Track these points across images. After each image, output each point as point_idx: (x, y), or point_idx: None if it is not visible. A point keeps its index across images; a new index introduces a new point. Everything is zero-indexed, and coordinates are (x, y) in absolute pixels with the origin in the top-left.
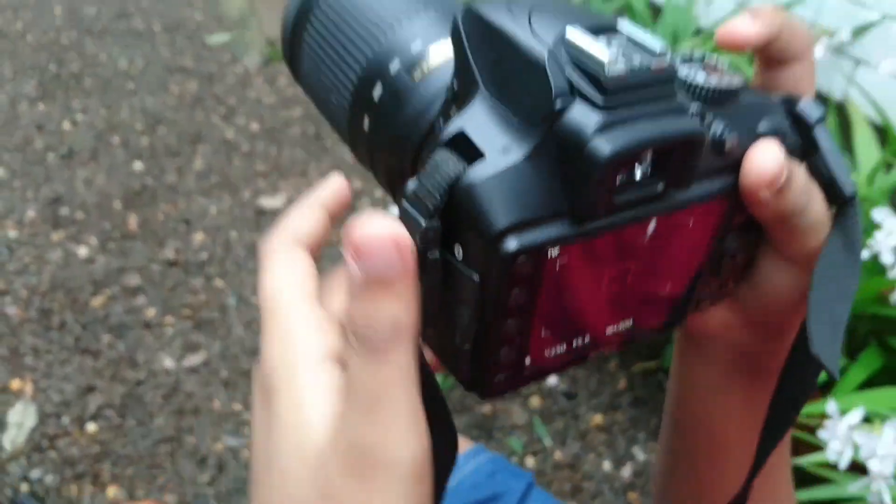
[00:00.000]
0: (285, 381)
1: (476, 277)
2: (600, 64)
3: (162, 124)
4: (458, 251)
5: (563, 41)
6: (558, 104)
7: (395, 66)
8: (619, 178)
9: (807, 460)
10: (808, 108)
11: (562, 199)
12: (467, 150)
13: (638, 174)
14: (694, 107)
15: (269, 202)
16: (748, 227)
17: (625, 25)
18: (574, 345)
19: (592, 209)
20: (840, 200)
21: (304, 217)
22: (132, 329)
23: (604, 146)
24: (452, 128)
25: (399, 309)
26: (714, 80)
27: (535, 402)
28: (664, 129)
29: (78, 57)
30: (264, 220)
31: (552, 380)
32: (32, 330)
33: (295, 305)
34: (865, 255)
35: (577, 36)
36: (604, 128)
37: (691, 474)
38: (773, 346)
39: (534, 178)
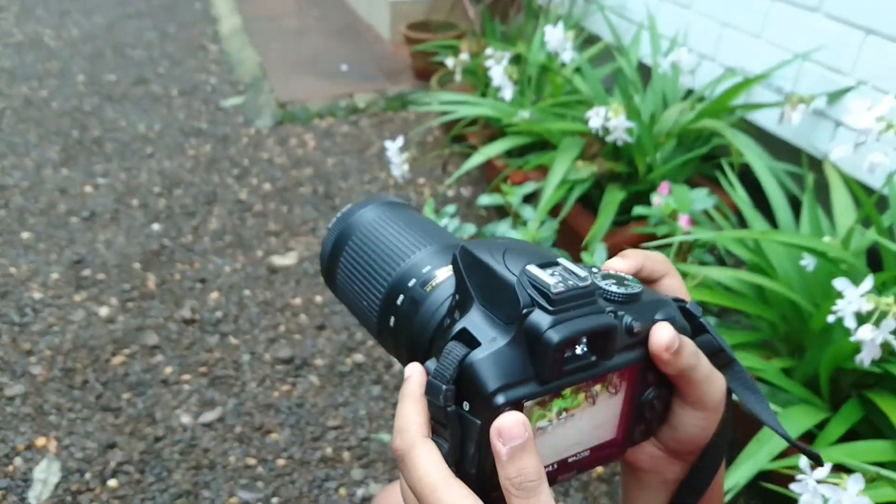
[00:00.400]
0: None
1: (478, 422)
2: (548, 286)
3: (178, 186)
4: (466, 406)
5: (525, 272)
6: (524, 311)
7: (412, 283)
8: (566, 355)
9: None
10: (693, 307)
11: (531, 369)
12: (469, 341)
13: (578, 351)
14: (609, 307)
15: (280, 261)
16: (661, 384)
17: (563, 261)
18: (548, 469)
19: (550, 375)
20: (727, 360)
21: (417, 412)
22: (151, 387)
23: (553, 336)
24: (458, 327)
25: (537, 459)
26: (622, 290)
27: None
28: (591, 323)
29: (99, 122)
30: (276, 278)
31: None
32: (56, 389)
33: (446, 484)
34: (831, 319)
35: (534, 269)
36: (553, 325)
37: None
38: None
39: (512, 357)
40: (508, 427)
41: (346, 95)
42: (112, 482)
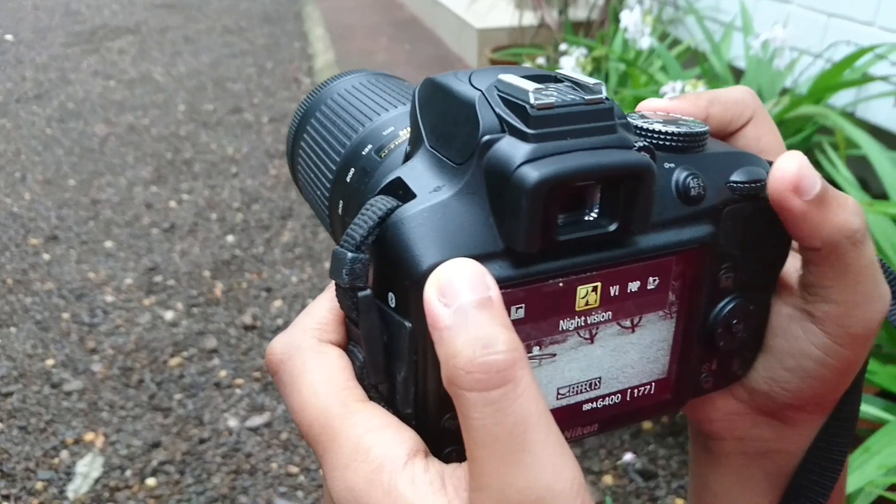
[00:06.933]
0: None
1: (408, 324)
2: (525, 93)
3: (257, 202)
4: (392, 299)
5: (496, 84)
6: (485, 139)
7: (367, 150)
8: (561, 217)
9: None
10: None
11: (497, 237)
12: (403, 194)
13: (585, 215)
14: (640, 142)
15: None
16: (747, 287)
17: (569, 73)
18: None
19: (531, 244)
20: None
21: (322, 308)
22: (203, 389)
23: (529, 174)
24: (391, 176)
25: (508, 328)
26: (672, 127)
27: (608, 479)
28: (602, 159)
29: (192, 146)
30: None
31: (627, 455)
32: (112, 386)
33: (344, 411)
34: None
35: (510, 77)
36: (533, 158)
37: None
38: (788, 443)
39: (466, 217)
40: (453, 276)
41: None
42: (151, 481)
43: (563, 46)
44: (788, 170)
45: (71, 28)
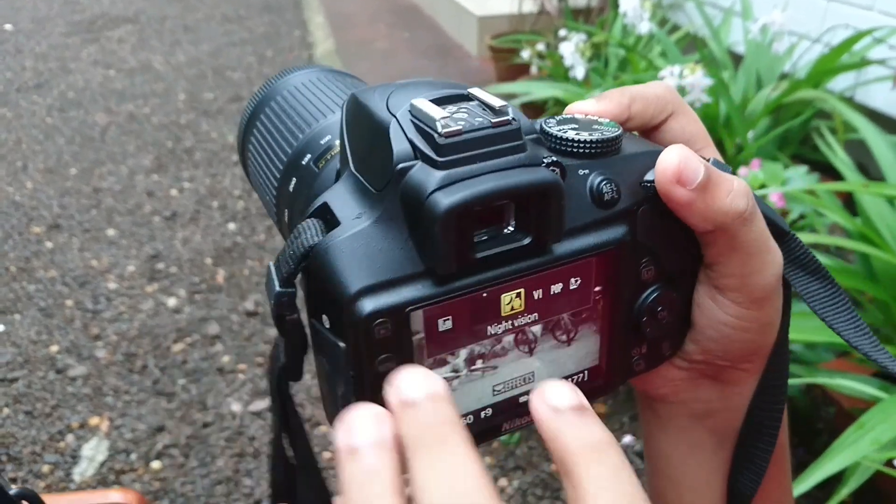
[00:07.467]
0: None
1: (342, 345)
2: (433, 121)
3: None
4: (326, 321)
5: (409, 108)
6: (398, 167)
7: (306, 160)
8: (476, 234)
9: None
10: (720, 166)
11: (418, 259)
12: (330, 218)
13: (502, 230)
14: (551, 158)
15: None
16: (668, 280)
17: (479, 91)
18: (482, 415)
19: (448, 266)
20: (778, 232)
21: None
22: (207, 374)
23: (440, 201)
24: (318, 200)
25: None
26: (584, 135)
27: None
28: (509, 181)
29: (192, 134)
30: None
31: (626, 438)
32: (116, 372)
33: None
34: None
35: (421, 102)
36: (443, 186)
37: None
38: (730, 402)
39: (386, 242)
40: (350, 423)
41: None
42: (156, 464)
43: (562, 32)
44: (670, 162)
45: (70, 17)
